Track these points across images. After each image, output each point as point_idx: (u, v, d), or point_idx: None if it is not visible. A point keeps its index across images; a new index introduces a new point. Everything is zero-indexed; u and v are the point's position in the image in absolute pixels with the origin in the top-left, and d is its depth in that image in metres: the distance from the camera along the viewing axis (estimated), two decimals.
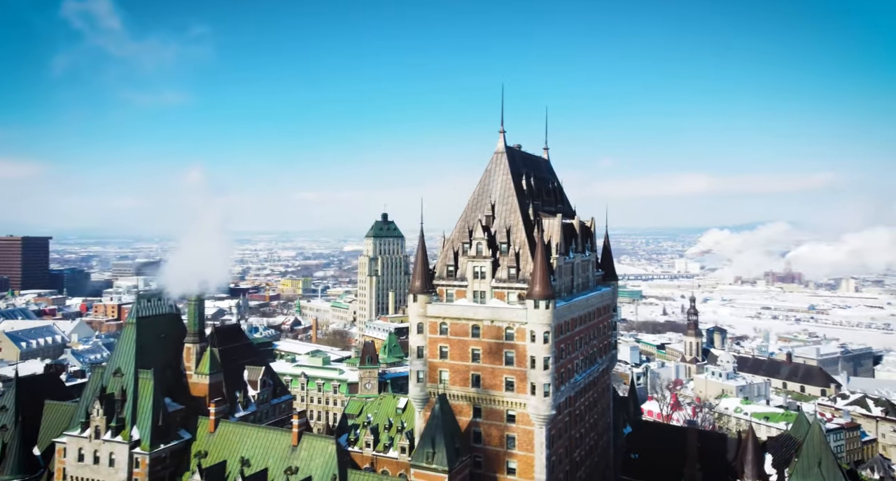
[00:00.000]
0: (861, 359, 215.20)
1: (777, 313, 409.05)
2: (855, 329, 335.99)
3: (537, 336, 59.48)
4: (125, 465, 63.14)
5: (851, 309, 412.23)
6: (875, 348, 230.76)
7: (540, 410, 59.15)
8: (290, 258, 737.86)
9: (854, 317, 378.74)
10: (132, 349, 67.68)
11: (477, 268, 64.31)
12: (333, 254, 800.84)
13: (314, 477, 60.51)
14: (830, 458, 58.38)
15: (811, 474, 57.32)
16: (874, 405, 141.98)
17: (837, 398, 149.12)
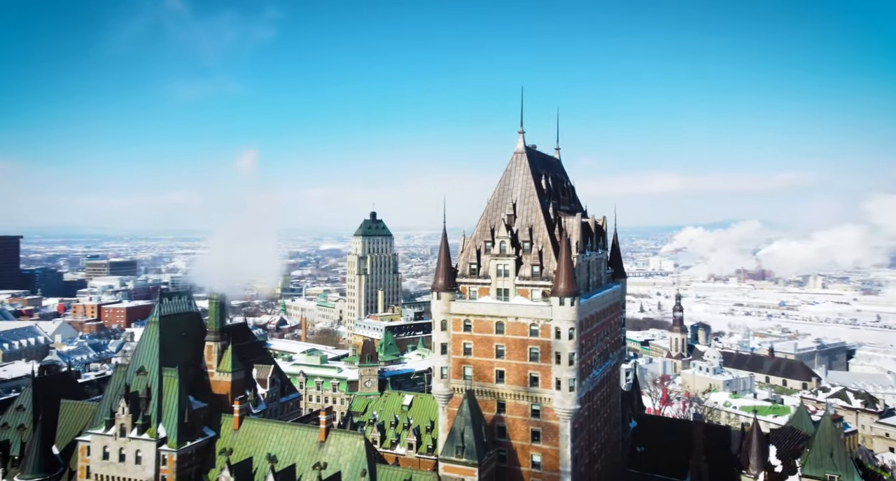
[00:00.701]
0: (835, 354, 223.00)
1: (749, 309, 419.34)
2: (824, 324, 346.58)
3: (562, 332, 61.40)
4: (152, 463, 63.37)
5: (819, 305, 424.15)
6: (848, 343, 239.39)
7: (565, 404, 61.09)
8: None
9: (822, 313, 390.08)
10: (156, 347, 67.78)
11: (500, 266, 65.92)
12: (310, 253, 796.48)
13: (343, 472, 61.52)
14: (841, 449, 61.52)
15: (823, 464, 60.31)
16: (854, 397, 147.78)
17: (819, 391, 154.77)
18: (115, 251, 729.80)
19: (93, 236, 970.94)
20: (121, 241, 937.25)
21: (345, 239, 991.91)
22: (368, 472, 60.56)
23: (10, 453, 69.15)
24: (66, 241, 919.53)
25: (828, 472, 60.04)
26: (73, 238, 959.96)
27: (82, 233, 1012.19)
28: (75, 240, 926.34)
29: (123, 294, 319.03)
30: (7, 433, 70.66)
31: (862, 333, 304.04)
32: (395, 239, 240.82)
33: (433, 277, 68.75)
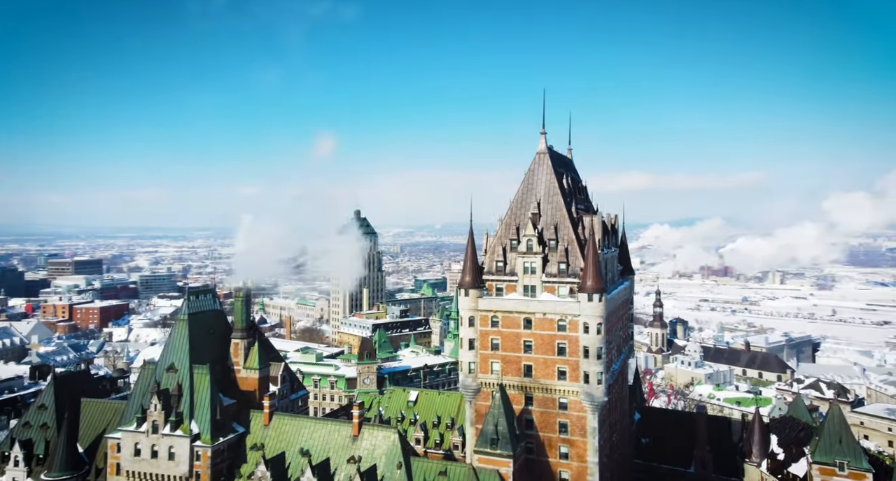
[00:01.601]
0: (802, 347, 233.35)
1: (714, 305, 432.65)
2: (784, 318, 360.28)
3: (591, 327, 64.02)
4: (186, 458, 63.67)
5: (779, 300, 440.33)
6: (814, 336, 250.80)
7: (593, 397, 63.77)
8: (231, 255, 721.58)
9: (783, 308, 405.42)
10: (185, 345, 67.92)
11: (527, 263, 68.14)
12: None
13: (379, 465, 62.93)
14: (849, 436, 65.69)
15: (833, 451, 64.38)
16: (827, 388, 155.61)
17: (793, 383, 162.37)
18: (71, 249, 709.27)
19: (45, 234, 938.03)
20: (76, 239, 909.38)
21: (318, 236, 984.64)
22: (404, 465, 62.15)
23: (34, 451, 68.45)
24: (18, 239, 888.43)
25: (837, 458, 64.18)
26: (25, 236, 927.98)
27: (34, 230, 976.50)
28: (27, 238, 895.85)
29: (93, 293, 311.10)
30: (29, 432, 69.91)
31: (820, 327, 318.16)
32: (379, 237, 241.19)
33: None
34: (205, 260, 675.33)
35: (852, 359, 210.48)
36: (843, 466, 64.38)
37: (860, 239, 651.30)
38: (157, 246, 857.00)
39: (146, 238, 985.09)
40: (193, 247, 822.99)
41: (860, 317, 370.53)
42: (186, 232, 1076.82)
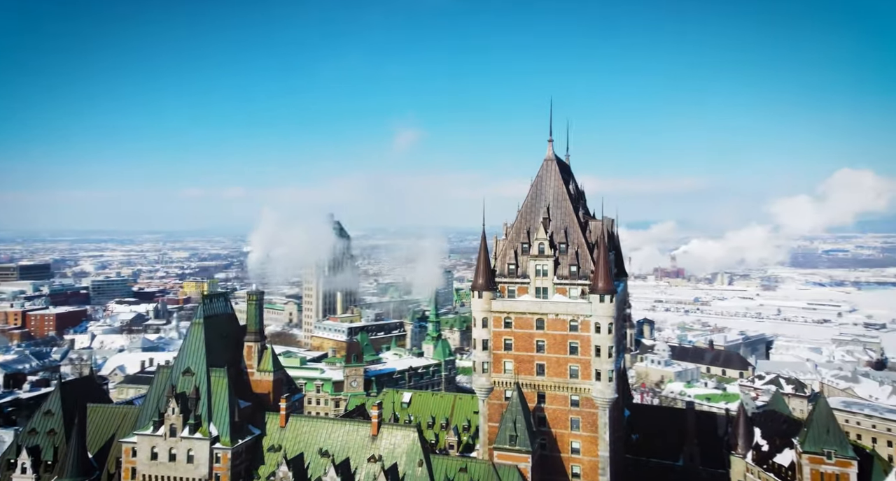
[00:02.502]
0: (757, 345, 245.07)
1: (669, 306, 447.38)
2: (734, 318, 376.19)
3: (602, 327, 67.23)
4: (206, 461, 63.64)
5: (728, 300, 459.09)
6: (767, 334, 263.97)
7: (605, 394, 66.96)
8: (183, 260, 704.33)
9: (732, 308, 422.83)
10: (202, 348, 67.76)
11: (539, 266, 70.85)
12: (232, 254, 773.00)
13: (400, 464, 64.36)
14: (836, 426, 70.85)
15: (821, 440, 69.34)
16: (786, 383, 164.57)
17: (755, 379, 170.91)
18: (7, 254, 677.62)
19: None
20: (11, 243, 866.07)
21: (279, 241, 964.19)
22: (425, 463, 63.78)
23: (42, 458, 66.88)
24: None
25: (825, 447, 69.18)
26: None
27: None
28: None
29: (45, 300, 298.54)
30: (37, 438, 68.24)
31: (767, 326, 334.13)
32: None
33: (473, 277, 72.59)
34: (155, 264, 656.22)
35: (804, 355, 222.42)
36: (830, 455, 69.42)
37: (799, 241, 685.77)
38: (103, 250, 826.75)
39: (89, 242, 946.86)
40: (142, 251, 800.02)
41: (802, 316, 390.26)
42: (133, 235, 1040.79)
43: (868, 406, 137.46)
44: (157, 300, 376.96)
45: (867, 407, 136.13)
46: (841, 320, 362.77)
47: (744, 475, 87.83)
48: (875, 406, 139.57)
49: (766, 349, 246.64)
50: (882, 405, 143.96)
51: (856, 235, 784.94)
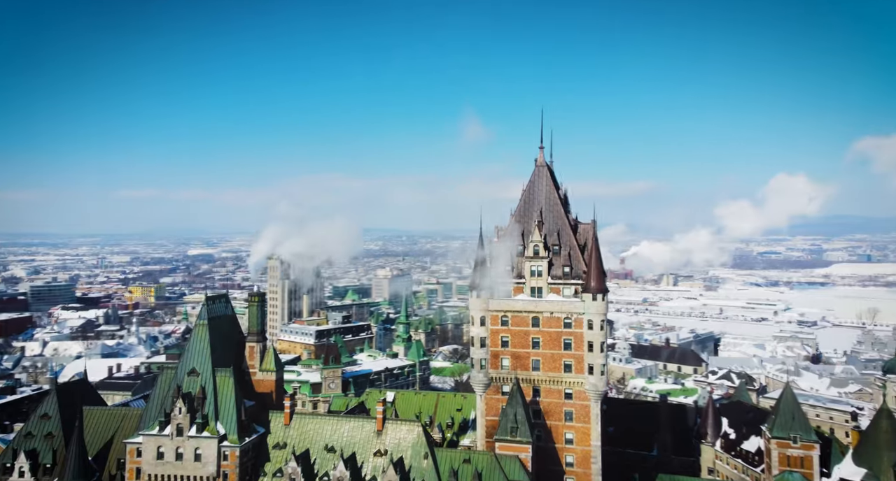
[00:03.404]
0: (706, 342, 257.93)
1: (619, 306, 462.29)
2: (680, 317, 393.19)
3: (594, 324, 71.53)
4: (214, 459, 64.36)
5: (673, 300, 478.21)
6: (715, 332, 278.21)
7: (598, 387, 71.24)
8: (125, 264, 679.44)
9: (678, 308, 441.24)
10: (207, 349, 68.32)
11: (534, 267, 74.64)
12: (177, 258, 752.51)
13: (405, 457, 66.68)
14: (801, 413, 77.37)
15: (788, 426, 75.63)
16: (737, 378, 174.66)
17: (709, 374, 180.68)
18: None
19: None
20: None
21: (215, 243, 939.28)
22: (430, 456, 66.35)
23: (40, 461, 65.93)
24: None
25: (791, 432, 75.52)
26: None
27: None
28: None
29: None
30: (33, 441, 67.09)
31: (711, 324, 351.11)
32: None
33: None
34: (94, 268, 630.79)
35: (749, 351, 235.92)
36: (796, 439, 75.81)
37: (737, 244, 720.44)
38: (34, 254, 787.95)
39: (18, 245, 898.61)
40: (78, 255, 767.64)
41: (742, 314, 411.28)
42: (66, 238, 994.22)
43: (812, 397, 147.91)
44: (104, 306, 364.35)
45: (811, 398, 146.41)
46: (777, 318, 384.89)
47: (713, 462, 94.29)
48: (818, 397, 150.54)
49: (714, 346, 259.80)
50: (823, 396, 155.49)
51: (786, 238, 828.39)
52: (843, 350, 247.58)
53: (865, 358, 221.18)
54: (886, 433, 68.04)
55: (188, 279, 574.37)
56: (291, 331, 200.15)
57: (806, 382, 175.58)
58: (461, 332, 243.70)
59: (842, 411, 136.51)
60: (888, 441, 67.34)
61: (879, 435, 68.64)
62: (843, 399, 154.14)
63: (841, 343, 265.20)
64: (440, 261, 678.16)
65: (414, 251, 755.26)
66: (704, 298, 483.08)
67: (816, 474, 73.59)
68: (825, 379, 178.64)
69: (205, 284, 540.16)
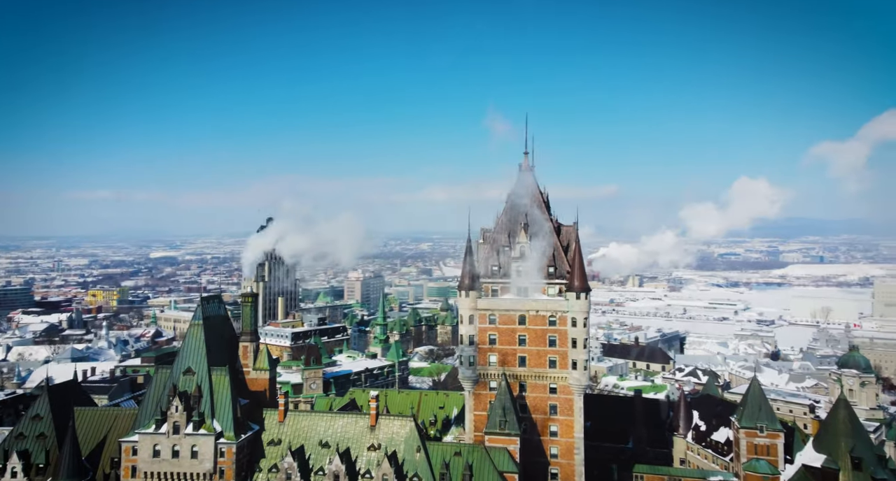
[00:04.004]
0: (672, 341, 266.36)
1: None
2: (646, 317, 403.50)
3: (578, 321, 75.07)
4: (211, 456, 65.57)
5: (640, 301, 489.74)
6: (681, 331, 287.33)
7: (581, 381, 74.80)
8: (82, 267, 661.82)
9: (643, 308, 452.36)
10: (202, 348, 69.40)
11: (520, 267, 77.69)
12: (138, 261, 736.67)
13: (399, 451, 68.99)
14: (767, 404, 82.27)
15: (755, 417, 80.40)
16: (703, 374, 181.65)
17: (676, 371, 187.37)
18: None
19: None
20: None
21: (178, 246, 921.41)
22: (423, 449, 68.80)
23: (33, 461, 66.07)
24: None
25: (758, 422, 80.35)
26: None
27: None
28: None
29: None
30: (25, 442, 67.10)
31: (675, 324, 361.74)
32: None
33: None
34: (50, 272, 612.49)
35: (713, 349, 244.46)
36: (762, 428, 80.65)
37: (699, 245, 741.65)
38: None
39: None
40: (32, 258, 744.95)
41: (705, 314, 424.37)
42: (18, 240, 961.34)
43: (772, 391, 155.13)
44: (65, 310, 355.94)
45: (772, 392, 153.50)
46: (738, 317, 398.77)
47: (685, 453, 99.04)
48: (778, 391, 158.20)
49: (680, 344, 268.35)
50: (783, 390, 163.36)
51: (745, 240, 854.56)
52: (799, 347, 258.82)
53: (820, 354, 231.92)
54: (844, 422, 72.76)
55: (151, 282, 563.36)
56: (267, 333, 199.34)
57: (766, 378, 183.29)
58: (436, 333, 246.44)
59: (800, 404, 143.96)
60: (845, 429, 72.07)
61: (837, 423, 73.38)
62: (801, 393, 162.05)
63: (797, 340, 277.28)
64: (410, 264, 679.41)
65: (384, 253, 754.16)
66: (669, 299, 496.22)
67: (781, 461, 78.43)
68: (784, 374, 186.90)
69: (169, 287, 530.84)
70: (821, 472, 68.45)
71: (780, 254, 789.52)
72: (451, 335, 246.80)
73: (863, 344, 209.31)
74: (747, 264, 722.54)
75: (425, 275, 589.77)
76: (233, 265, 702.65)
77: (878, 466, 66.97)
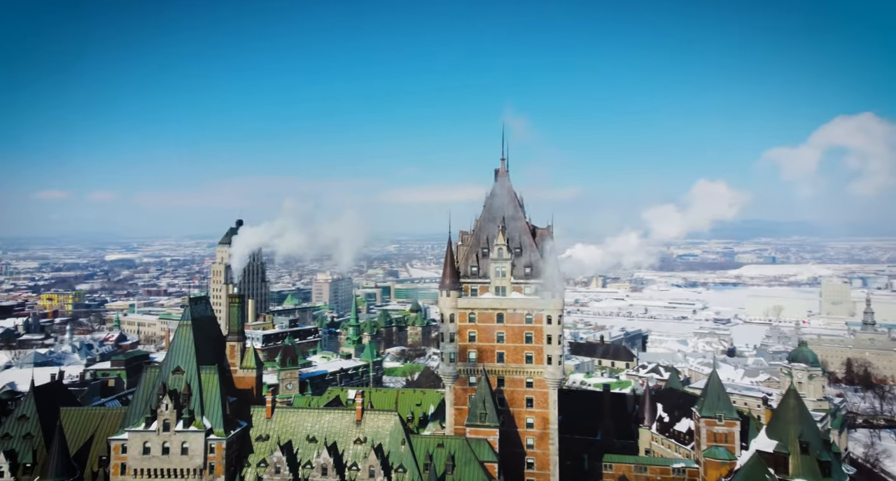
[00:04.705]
0: (635, 339, 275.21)
1: None
2: (609, 317, 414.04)
3: (553, 319, 79.32)
4: (201, 452, 67.40)
5: (603, 301, 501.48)
6: (643, 330, 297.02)
7: (556, 375, 79.05)
8: (33, 270, 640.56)
9: (607, 308, 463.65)
10: (191, 348, 71.09)
11: (498, 268, 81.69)
12: (93, 263, 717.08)
13: (384, 444, 71.94)
14: (725, 395, 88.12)
15: (714, 406, 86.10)
16: (664, 371, 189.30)
17: (640, 368, 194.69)
18: None
19: None
20: None
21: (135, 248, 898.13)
22: (407, 442, 71.94)
23: (20, 461, 66.74)
24: None
25: (717, 412, 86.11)
26: None
27: None
28: None
29: None
30: (11, 443, 67.66)
31: (637, 323, 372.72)
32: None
33: None
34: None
35: (674, 347, 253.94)
36: (721, 417, 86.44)
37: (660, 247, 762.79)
38: None
39: None
40: None
41: (665, 313, 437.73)
42: None
43: (729, 386, 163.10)
44: (18, 314, 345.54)
45: (728, 387, 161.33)
46: (696, 317, 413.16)
47: (650, 443, 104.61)
48: (734, 385, 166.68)
49: (643, 342, 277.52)
50: (739, 384, 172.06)
51: (702, 241, 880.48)
52: (753, 344, 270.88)
53: (773, 350, 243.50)
54: (793, 410, 78.36)
55: (108, 285, 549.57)
56: None
57: (723, 373, 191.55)
58: (406, 335, 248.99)
59: (755, 397, 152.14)
60: (794, 417, 77.65)
61: (787, 412, 78.97)
62: (755, 387, 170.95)
63: (752, 338, 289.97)
64: (376, 265, 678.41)
65: None
66: (631, 299, 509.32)
67: (737, 447, 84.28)
68: (740, 370, 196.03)
69: (127, 291, 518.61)
70: (773, 457, 73.86)
71: (736, 255, 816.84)
72: (421, 336, 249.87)
73: (811, 340, 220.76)
74: (705, 265, 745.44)
75: (392, 277, 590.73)
76: (194, 267, 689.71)
77: (823, 450, 72.86)
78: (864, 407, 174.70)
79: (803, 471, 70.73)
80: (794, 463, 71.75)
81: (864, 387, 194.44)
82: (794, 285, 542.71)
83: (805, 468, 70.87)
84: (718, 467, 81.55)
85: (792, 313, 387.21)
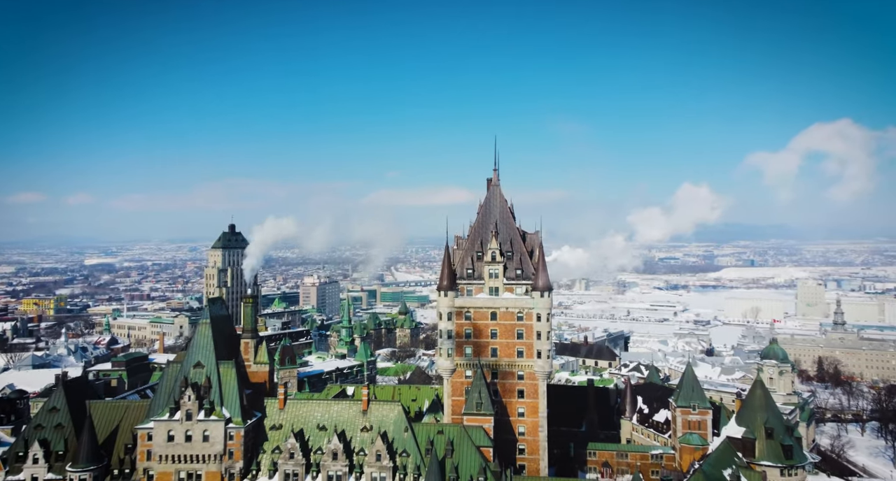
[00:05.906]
0: (618, 340, 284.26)
1: None
2: (592, 319, 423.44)
3: (542, 317, 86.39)
4: (221, 439, 73.31)
5: (586, 303, 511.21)
6: (625, 331, 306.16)
7: (545, 369, 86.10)
8: (9, 275, 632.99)
9: (590, 310, 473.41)
10: (210, 344, 77.02)
11: (491, 270, 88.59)
12: (72, 268, 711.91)
13: (388, 431, 78.26)
14: (699, 386, 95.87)
15: (689, 397, 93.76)
16: (645, 369, 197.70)
17: (622, 367, 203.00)
18: None
19: None
20: None
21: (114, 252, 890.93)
22: (410, 430, 78.42)
23: (53, 449, 72.22)
24: None
25: (692, 401, 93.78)
26: None
27: None
28: None
29: None
30: (44, 432, 73.08)
31: (620, 324, 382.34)
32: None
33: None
34: None
35: (654, 347, 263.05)
36: (695, 407, 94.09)
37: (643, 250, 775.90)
38: None
39: None
40: None
41: (647, 315, 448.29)
42: None
43: (706, 382, 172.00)
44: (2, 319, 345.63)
45: (705, 383, 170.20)
46: (677, 318, 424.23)
47: (631, 433, 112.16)
48: (711, 382, 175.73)
49: (625, 343, 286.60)
50: (715, 381, 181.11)
51: (684, 244, 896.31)
52: (731, 344, 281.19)
53: (748, 349, 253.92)
54: (760, 399, 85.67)
55: (89, 290, 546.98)
56: None
57: (701, 371, 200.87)
58: (395, 336, 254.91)
59: (729, 392, 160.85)
60: (761, 405, 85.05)
61: (755, 401, 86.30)
62: (730, 383, 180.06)
63: (730, 338, 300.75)
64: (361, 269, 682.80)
65: (333, 259, 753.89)
66: (614, 301, 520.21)
67: (709, 434, 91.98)
68: (717, 367, 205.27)
69: (109, 295, 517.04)
70: (741, 442, 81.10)
71: (716, 258, 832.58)
72: (409, 338, 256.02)
73: (784, 340, 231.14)
74: (686, 267, 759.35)
75: (378, 281, 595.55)
76: (176, 272, 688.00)
77: (785, 434, 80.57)
78: (832, 402, 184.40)
79: (768, 454, 78.03)
80: (760, 448, 79.02)
81: (834, 384, 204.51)
82: (772, 287, 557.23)
83: (770, 451, 78.22)
84: (692, 452, 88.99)
85: (769, 314, 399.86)
